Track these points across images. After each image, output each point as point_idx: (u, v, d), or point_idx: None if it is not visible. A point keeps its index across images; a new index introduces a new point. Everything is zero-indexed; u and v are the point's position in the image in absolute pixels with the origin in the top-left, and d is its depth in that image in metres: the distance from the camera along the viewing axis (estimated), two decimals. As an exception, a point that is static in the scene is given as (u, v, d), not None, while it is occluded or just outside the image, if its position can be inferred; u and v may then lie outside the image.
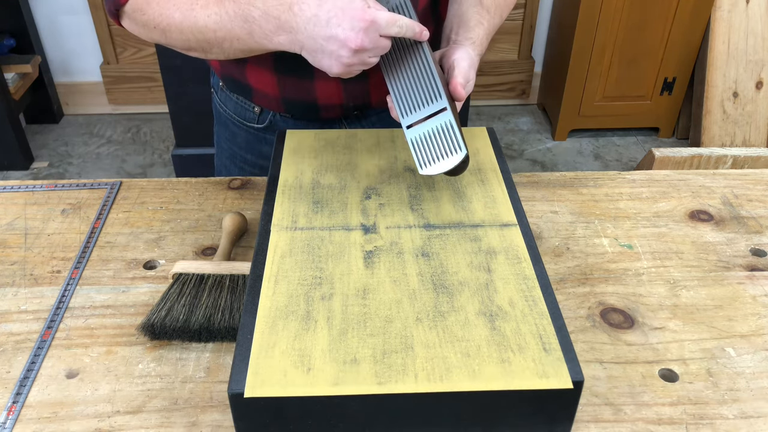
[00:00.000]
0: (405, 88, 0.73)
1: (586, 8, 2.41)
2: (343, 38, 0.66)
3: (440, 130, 0.71)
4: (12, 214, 0.88)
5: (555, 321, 0.59)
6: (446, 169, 0.70)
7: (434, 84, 0.72)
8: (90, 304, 0.74)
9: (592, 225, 0.87)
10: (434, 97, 0.72)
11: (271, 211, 0.73)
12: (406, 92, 0.73)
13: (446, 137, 0.71)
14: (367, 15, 0.66)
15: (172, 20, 0.76)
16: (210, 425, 0.61)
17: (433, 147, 0.71)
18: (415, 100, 0.72)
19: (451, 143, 0.71)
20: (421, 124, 0.72)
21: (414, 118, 0.72)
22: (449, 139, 0.71)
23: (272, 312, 0.60)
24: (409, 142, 0.72)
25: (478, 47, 0.81)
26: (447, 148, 0.71)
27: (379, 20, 0.67)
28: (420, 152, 0.72)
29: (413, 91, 0.73)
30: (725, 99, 2.52)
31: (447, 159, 0.70)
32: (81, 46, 2.73)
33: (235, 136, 1.04)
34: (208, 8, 0.73)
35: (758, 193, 0.94)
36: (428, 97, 0.72)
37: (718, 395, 0.65)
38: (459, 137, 0.70)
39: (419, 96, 0.72)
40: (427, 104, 0.72)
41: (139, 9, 0.77)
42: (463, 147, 0.70)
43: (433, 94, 0.72)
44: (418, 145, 0.72)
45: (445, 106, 0.71)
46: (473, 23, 0.82)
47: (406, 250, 0.67)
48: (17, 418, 0.61)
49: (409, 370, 0.54)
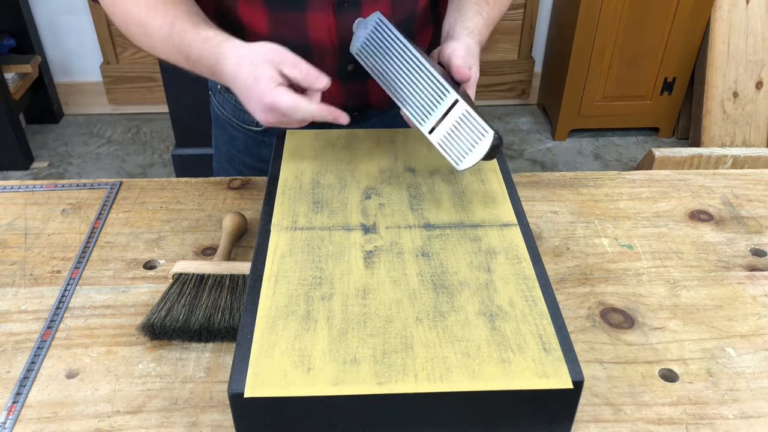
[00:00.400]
0: (411, 95, 0.73)
1: (586, 8, 2.41)
2: (251, 109, 0.71)
3: (460, 123, 0.71)
4: (12, 214, 0.88)
5: (555, 321, 0.59)
6: (481, 156, 0.70)
7: (436, 81, 0.72)
8: (90, 304, 0.74)
9: (592, 225, 0.87)
10: (442, 94, 0.71)
11: (271, 211, 0.73)
12: (414, 99, 0.73)
13: (469, 127, 0.71)
14: (267, 99, 0.68)
15: (130, 30, 0.79)
16: (210, 425, 0.61)
17: (461, 141, 0.71)
18: (425, 103, 0.72)
19: (476, 130, 0.71)
20: (440, 124, 0.72)
21: (432, 121, 0.72)
22: (472, 128, 0.71)
23: (272, 312, 0.60)
24: (437, 145, 0.72)
25: (476, 35, 0.81)
26: (474, 136, 0.71)
27: (280, 106, 0.68)
28: (450, 151, 0.72)
29: (420, 96, 0.72)
30: (725, 99, 2.52)
31: (478, 146, 0.70)
32: (81, 46, 2.73)
33: (234, 139, 1.03)
34: (162, 32, 0.76)
35: (758, 193, 0.94)
36: (436, 96, 0.72)
37: (718, 395, 0.65)
38: (480, 122, 0.70)
39: (427, 98, 0.72)
40: (438, 103, 0.72)
41: (106, 7, 0.80)
42: (488, 129, 0.70)
43: (439, 91, 0.72)
44: (446, 145, 0.72)
45: (456, 99, 0.71)
46: (471, 14, 0.82)
47: (406, 250, 0.67)
48: (17, 418, 0.61)
49: (409, 370, 0.54)
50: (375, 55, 0.75)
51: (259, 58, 0.69)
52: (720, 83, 2.50)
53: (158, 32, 0.76)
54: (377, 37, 0.75)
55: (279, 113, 0.69)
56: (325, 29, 0.84)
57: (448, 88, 0.71)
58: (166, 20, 0.75)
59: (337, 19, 0.84)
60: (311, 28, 0.84)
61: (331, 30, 0.85)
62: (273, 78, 0.68)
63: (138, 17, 0.77)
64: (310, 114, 0.69)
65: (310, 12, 0.83)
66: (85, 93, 2.84)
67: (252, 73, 0.69)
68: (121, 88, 2.80)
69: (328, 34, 0.85)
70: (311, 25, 0.84)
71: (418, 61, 0.73)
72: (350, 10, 0.83)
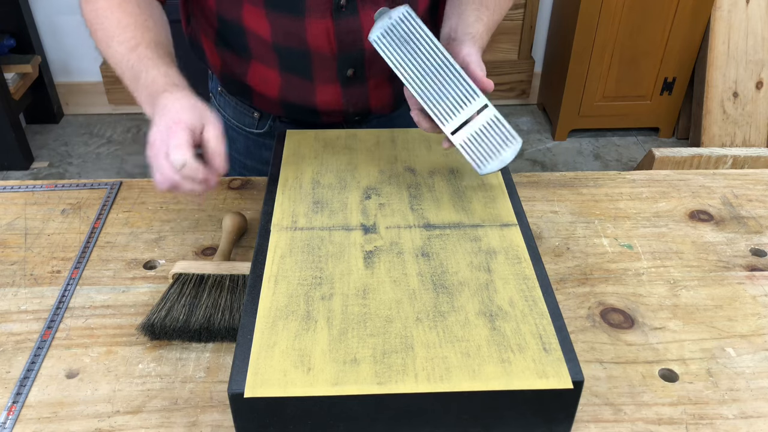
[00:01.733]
0: (436, 94, 0.72)
1: (586, 8, 2.41)
2: (157, 121, 0.68)
3: (488, 127, 0.71)
4: (12, 214, 0.88)
5: (555, 321, 0.59)
6: (507, 162, 0.71)
7: (465, 83, 0.71)
8: (90, 304, 0.74)
9: (592, 225, 0.87)
10: (471, 96, 0.71)
11: (271, 211, 0.73)
12: (440, 98, 0.72)
13: (497, 132, 0.71)
14: (177, 124, 0.66)
15: (94, 33, 0.81)
16: (210, 425, 0.61)
17: (486, 145, 0.71)
18: (452, 103, 0.72)
19: (505, 136, 0.71)
20: (465, 126, 0.72)
21: (457, 122, 0.72)
22: (501, 133, 0.71)
23: (272, 312, 0.60)
24: (459, 147, 0.72)
25: (479, 41, 0.81)
26: (501, 142, 0.71)
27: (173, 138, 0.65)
28: (474, 153, 0.72)
29: (447, 96, 0.72)
30: (725, 99, 2.52)
31: (504, 152, 0.71)
32: (81, 46, 2.73)
33: (234, 142, 1.03)
34: (121, 46, 0.77)
35: (758, 193, 0.94)
36: (465, 98, 0.71)
37: (718, 395, 0.65)
38: (509, 128, 0.71)
39: (454, 98, 0.72)
40: (466, 105, 0.71)
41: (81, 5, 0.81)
42: (516, 136, 0.71)
43: (470, 93, 0.71)
44: (470, 147, 0.72)
45: (486, 103, 0.71)
46: (472, 19, 0.82)
47: (406, 250, 0.67)
48: (17, 418, 0.61)
49: (409, 370, 0.54)
50: (397, 46, 0.73)
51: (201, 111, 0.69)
52: (720, 83, 2.50)
53: (119, 46, 0.77)
54: (402, 29, 0.73)
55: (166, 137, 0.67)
56: (323, 34, 0.84)
57: (477, 91, 0.71)
58: (131, 41, 0.77)
59: (335, 24, 0.83)
60: (310, 33, 0.84)
61: (329, 35, 0.84)
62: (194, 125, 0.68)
63: (107, 27, 0.79)
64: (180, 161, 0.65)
65: (308, 17, 0.83)
66: (85, 93, 2.84)
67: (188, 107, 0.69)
68: (121, 88, 2.80)
69: (327, 39, 0.85)
70: (310, 30, 0.84)
71: (447, 60, 0.72)
72: (348, 16, 0.83)
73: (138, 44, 0.77)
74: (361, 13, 0.83)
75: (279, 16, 0.83)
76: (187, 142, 0.66)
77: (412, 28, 0.73)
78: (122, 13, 0.78)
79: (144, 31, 0.78)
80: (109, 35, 0.78)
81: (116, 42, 0.78)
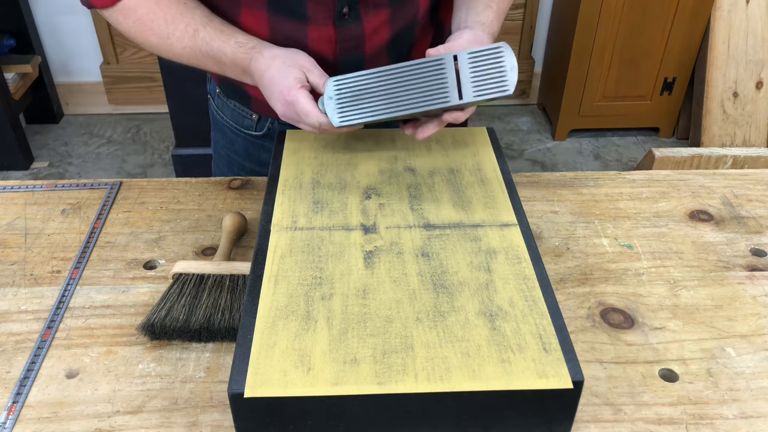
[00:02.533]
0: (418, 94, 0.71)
1: (586, 8, 2.41)
2: (273, 103, 0.77)
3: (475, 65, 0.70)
4: (12, 214, 0.88)
5: (555, 321, 0.59)
6: (516, 67, 0.69)
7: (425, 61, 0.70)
8: (90, 304, 0.74)
9: (592, 225, 0.87)
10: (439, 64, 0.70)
11: (271, 211, 0.73)
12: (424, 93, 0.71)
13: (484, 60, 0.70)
14: (289, 96, 0.74)
15: (146, 41, 0.82)
16: (210, 425, 0.61)
17: (489, 75, 0.70)
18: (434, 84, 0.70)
19: (491, 56, 0.70)
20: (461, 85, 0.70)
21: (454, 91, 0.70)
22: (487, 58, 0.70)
23: (272, 312, 0.60)
24: (478, 101, 0.71)
25: (488, 28, 0.80)
26: (495, 62, 0.70)
27: (297, 107, 0.74)
28: (491, 90, 0.70)
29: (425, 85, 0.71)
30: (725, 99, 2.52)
31: (505, 62, 0.69)
32: (81, 46, 2.73)
33: (233, 144, 1.03)
34: (183, 41, 0.80)
35: (758, 193, 0.94)
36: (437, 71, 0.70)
37: (718, 395, 0.65)
38: (488, 48, 0.69)
39: (432, 80, 0.70)
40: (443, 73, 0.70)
41: (114, 19, 0.81)
42: (498, 44, 0.70)
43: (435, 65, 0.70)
44: (482, 91, 0.70)
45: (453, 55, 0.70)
46: (482, 7, 0.81)
47: (406, 250, 0.67)
48: (17, 418, 0.61)
49: (409, 370, 0.54)
50: (358, 107, 0.72)
51: (290, 62, 0.76)
52: (720, 83, 2.50)
53: (179, 42, 0.80)
54: (345, 94, 0.72)
55: (294, 112, 0.74)
56: (325, 42, 0.84)
57: (437, 57, 0.70)
58: (188, 30, 0.80)
59: (337, 32, 0.83)
60: (311, 40, 0.84)
61: (331, 42, 0.84)
62: (299, 79, 0.74)
63: (158, 29, 0.80)
64: (317, 123, 0.73)
65: (311, 24, 0.83)
66: (85, 93, 2.84)
67: (282, 71, 0.75)
68: (121, 88, 2.80)
69: (329, 46, 0.85)
70: (311, 37, 0.84)
71: (397, 68, 0.71)
72: (351, 23, 0.82)
73: (196, 29, 0.79)
74: (363, 20, 0.83)
75: (280, 21, 0.83)
76: (308, 105, 0.73)
77: (350, 84, 0.72)
78: (164, 9, 0.79)
79: (192, 14, 0.80)
80: (165, 35, 0.80)
81: (175, 39, 0.80)
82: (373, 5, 0.82)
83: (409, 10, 0.86)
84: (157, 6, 0.79)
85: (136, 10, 0.79)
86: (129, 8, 0.79)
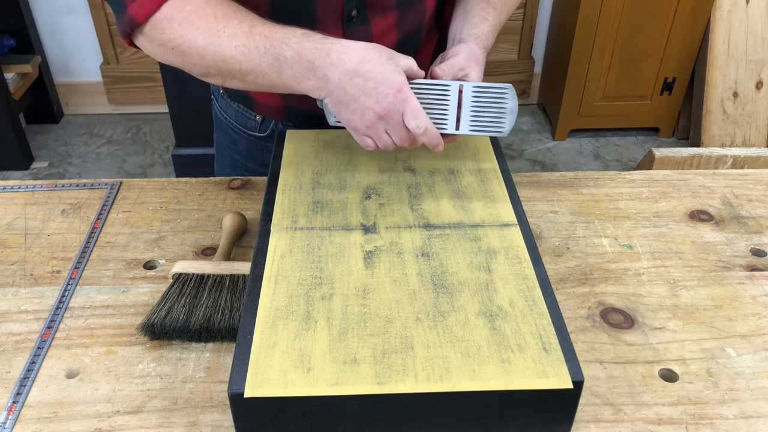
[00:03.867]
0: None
1: (586, 8, 2.41)
2: (372, 102, 0.68)
3: (478, 99, 0.72)
4: (12, 214, 0.88)
5: (555, 321, 0.59)
6: (516, 111, 0.71)
7: (434, 84, 0.72)
8: (90, 304, 0.74)
9: (592, 225, 0.87)
10: (445, 90, 0.72)
11: (271, 211, 0.73)
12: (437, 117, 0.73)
13: (488, 96, 0.72)
14: (402, 93, 0.67)
15: (193, 44, 0.71)
16: (210, 425, 0.61)
17: (489, 112, 0.72)
18: (436, 109, 0.73)
19: (496, 93, 0.71)
20: (460, 115, 0.73)
21: (452, 120, 0.73)
22: (492, 93, 0.72)
23: (272, 312, 0.60)
24: (471, 134, 0.73)
25: (483, 42, 0.80)
26: (497, 99, 0.72)
27: (408, 104, 0.68)
28: (487, 127, 0.72)
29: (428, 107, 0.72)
30: (725, 99, 2.52)
31: (507, 104, 0.72)
32: (81, 46, 2.73)
33: (236, 144, 1.03)
34: (236, 39, 0.70)
35: (758, 193, 0.94)
36: (440, 95, 0.72)
37: (718, 395, 0.65)
38: (494, 85, 0.71)
39: (435, 103, 0.73)
40: (446, 100, 0.72)
41: (158, 27, 0.72)
42: (506, 85, 0.71)
43: (441, 89, 0.72)
44: (480, 127, 0.73)
45: (459, 85, 0.72)
46: (477, 20, 0.82)
47: (406, 250, 0.67)
48: (17, 418, 0.61)
49: (409, 370, 0.54)
50: None
51: (387, 54, 0.69)
52: (720, 83, 2.50)
53: (231, 39, 0.70)
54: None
55: (397, 112, 0.68)
56: None
57: (445, 82, 0.72)
58: (242, 26, 0.71)
59: (345, 35, 0.82)
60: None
61: None
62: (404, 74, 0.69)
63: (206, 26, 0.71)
64: (425, 126, 0.69)
65: (319, 28, 0.79)
66: (85, 93, 2.84)
67: (388, 62, 0.68)
68: (121, 88, 2.80)
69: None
70: None
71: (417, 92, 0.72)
72: (359, 26, 0.82)
73: (251, 25, 0.70)
74: (372, 23, 0.83)
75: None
76: (417, 102, 0.68)
77: None
78: (213, 6, 0.71)
79: (246, 12, 0.72)
80: (214, 32, 0.70)
81: (226, 36, 0.70)
82: (381, 8, 0.82)
83: (416, 14, 0.86)
84: (206, 3, 0.71)
85: (183, 9, 0.71)
86: (176, 8, 0.71)
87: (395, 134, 0.70)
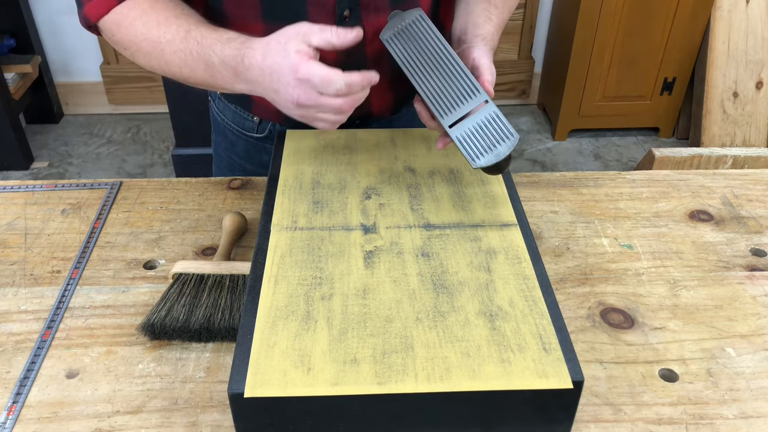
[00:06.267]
0: (439, 88, 0.74)
1: (586, 8, 2.41)
2: (283, 93, 0.67)
3: (488, 122, 0.72)
4: (12, 214, 0.88)
5: (555, 321, 0.59)
6: (501, 158, 0.71)
7: (469, 80, 0.73)
8: (90, 304, 0.74)
9: (592, 225, 0.87)
10: (472, 93, 0.73)
11: (271, 211, 0.73)
12: (441, 93, 0.73)
13: (495, 127, 0.72)
14: (300, 72, 0.65)
15: (139, 48, 0.76)
16: (210, 425, 0.61)
17: (483, 139, 0.72)
18: (453, 98, 0.73)
19: (502, 132, 0.72)
20: (463, 120, 0.73)
21: (455, 116, 0.73)
22: (499, 129, 0.72)
23: (272, 312, 0.60)
24: (456, 140, 0.73)
25: (489, 43, 0.80)
26: (498, 137, 0.72)
27: (313, 78, 0.65)
28: (469, 147, 0.72)
29: (449, 91, 0.73)
30: (725, 99, 2.52)
31: (500, 147, 0.71)
32: (81, 46, 2.73)
33: (234, 145, 1.03)
34: (174, 44, 0.73)
35: (758, 193, 0.94)
36: (466, 93, 0.73)
37: (718, 395, 0.65)
38: (507, 124, 0.72)
39: (456, 94, 0.73)
40: (466, 100, 0.73)
41: (108, 29, 0.78)
42: (514, 132, 0.72)
43: (471, 89, 0.73)
44: (466, 141, 0.73)
45: (486, 99, 0.72)
46: (482, 20, 0.81)
47: (406, 250, 0.67)
48: (17, 418, 0.61)
49: (409, 370, 0.54)
50: (407, 44, 0.75)
51: (285, 36, 0.67)
52: (720, 83, 2.51)
53: (170, 45, 0.74)
54: (414, 29, 0.75)
55: (313, 91, 0.66)
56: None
57: (479, 88, 0.73)
58: (179, 32, 0.74)
59: None
60: None
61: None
62: (304, 51, 0.66)
63: (149, 33, 0.75)
64: (344, 84, 0.65)
65: None
66: (85, 93, 2.84)
67: (281, 50, 0.67)
68: (121, 88, 2.80)
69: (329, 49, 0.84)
70: None
71: (452, 58, 0.74)
72: (352, 26, 0.82)
73: (188, 30, 0.73)
74: (365, 23, 0.82)
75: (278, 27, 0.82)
76: (324, 71, 0.64)
77: (423, 29, 0.75)
78: (157, 12, 0.74)
79: (187, 17, 0.75)
80: (156, 39, 0.74)
81: (167, 41, 0.73)
82: (374, 8, 0.82)
83: None
84: (151, 9, 0.75)
85: (129, 14, 0.76)
86: (123, 14, 0.75)
87: (326, 109, 0.68)
